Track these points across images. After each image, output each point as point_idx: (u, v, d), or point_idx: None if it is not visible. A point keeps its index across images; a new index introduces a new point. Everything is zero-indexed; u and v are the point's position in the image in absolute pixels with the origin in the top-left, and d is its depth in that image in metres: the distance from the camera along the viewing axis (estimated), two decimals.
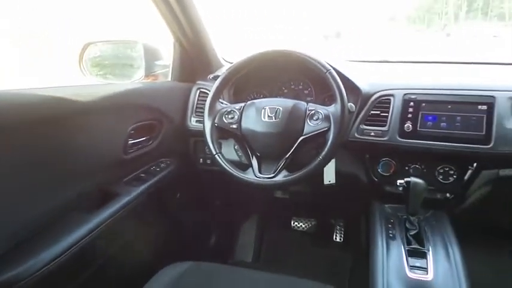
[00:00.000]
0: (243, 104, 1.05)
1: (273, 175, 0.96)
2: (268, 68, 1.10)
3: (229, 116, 1.03)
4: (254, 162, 1.00)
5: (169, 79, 1.36)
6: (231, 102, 1.12)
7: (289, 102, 1.00)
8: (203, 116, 1.05)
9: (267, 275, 0.97)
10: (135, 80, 1.32)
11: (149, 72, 1.33)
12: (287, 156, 0.97)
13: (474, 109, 1.03)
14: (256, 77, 1.26)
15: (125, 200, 1.01)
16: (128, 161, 1.08)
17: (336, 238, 1.72)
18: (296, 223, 1.79)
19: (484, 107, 1.02)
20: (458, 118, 1.04)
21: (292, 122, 0.97)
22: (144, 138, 1.16)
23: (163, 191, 1.23)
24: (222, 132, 1.04)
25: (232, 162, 1.01)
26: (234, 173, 0.99)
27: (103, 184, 1.02)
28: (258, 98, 1.08)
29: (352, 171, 1.25)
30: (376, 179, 1.19)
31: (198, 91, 1.33)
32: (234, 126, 1.02)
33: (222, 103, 1.08)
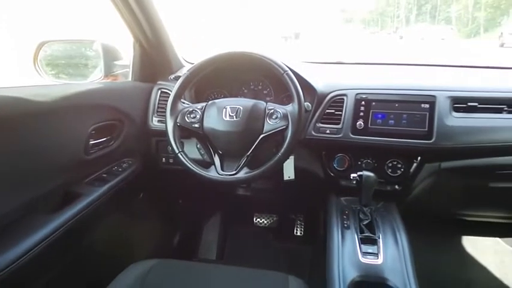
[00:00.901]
0: (204, 104, 1.07)
1: (235, 172, 0.99)
2: (228, 68, 1.13)
3: (191, 116, 1.05)
4: (216, 160, 1.03)
5: (129, 79, 1.35)
6: (192, 102, 1.13)
7: (249, 102, 1.04)
8: (165, 116, 1.06)
9: (231, 268, 1.00)
10: (95, 80, 1.31)
11: (109, 72, 1.32)
12: (248, 153, 1.01)
13: (418, 107, 1.12)
14: (217, 78, 1.29)
15: (88, 200, 1.00)
16: (90, 162, 1.07)
17: (296, 232, 1.79)
18: (258, 219, 1.84)
19: (427, 106, 1.12)
20: (405, 116, 1.13)
21: (253, 120, 1.01)
22: (105, 139, 1.15)
23: (126, 191, 1.23)
24: (184, 132, 1.06)
25: (194, 161, 1.03)
26: (197, 171, 1.01)
27: (65, 185, 1.01)
28: (219, 98, 1.11)
29: (310, 167, 1.31)
30: (332, 174, 1.26)
31: (159, 91, 1.34)
32: (196, 125, 1.04)
33: (183, 103, 1.09)
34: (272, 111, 1.02)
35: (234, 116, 1.01)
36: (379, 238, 1.04)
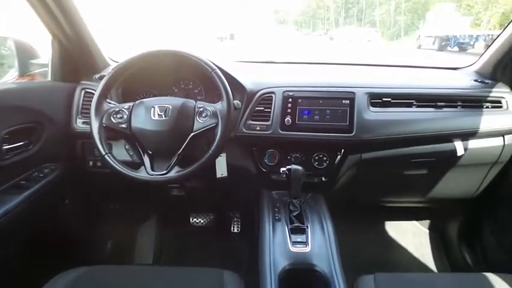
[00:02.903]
0: (131, 104, 1.04)
1: (165, 172, 0.98)
2: (157, 67, 1.11)
3: (118, 116, 1.02)
4: (146, 160, 1.01)
5: (49, 79, 1.27)
6: (119, 103, 1.09)
7: (178, 101, 1.04)
8: (89, 117, 1.02)
9: (165, 269, 0.99)
10: (8, 80, 1.21)
11: (24, 71, 1.23)
12: (179, 152, 1.00)
13: (340, 103, 1.20)
14: (146, 77, 1.26)
15: (3, 209, 0.93)
16: (4, 168, 0.99)
17: (233, 229, 1.81)
18: (195, 219, 1.84)
19: (347, 102, 1.20)
20: (328, 112, 1.20)
21: (182, 119, 1.01)
22: (22, 143, 1.07)
23: (49, 198, 1.16)
24: (111, 132, 1.03)
25: (124, 163, 1.00)
26: (126, 173, 0.98)
27: None
28: (148, 98, 1.09)
29: (242, 163, 1.33)
30: (263, 169, 1.30)
31: (83, 91, 1.27)
32: (124, 125, 1.01)
33: (109, 103, 1.05)
34: (202, 109, 1.03)
35: (163, 115, 1.00)
36: (307, 228, 1.10)
